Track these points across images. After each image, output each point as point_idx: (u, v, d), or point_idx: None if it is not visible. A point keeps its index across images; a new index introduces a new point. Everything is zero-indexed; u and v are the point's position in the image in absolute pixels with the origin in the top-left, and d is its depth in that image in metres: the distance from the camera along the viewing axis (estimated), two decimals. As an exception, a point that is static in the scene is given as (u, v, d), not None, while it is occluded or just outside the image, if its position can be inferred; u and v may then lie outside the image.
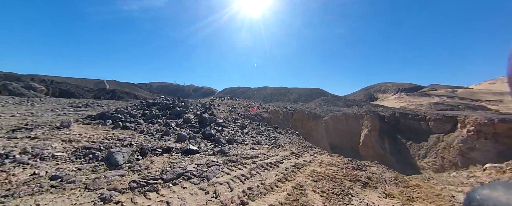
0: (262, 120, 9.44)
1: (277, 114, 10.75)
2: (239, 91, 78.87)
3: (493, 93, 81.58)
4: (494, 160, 27.75)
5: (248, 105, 11.16)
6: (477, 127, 30.54)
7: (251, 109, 10.02)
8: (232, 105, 10.75)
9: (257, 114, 9.81)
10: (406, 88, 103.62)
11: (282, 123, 10.77)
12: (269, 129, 8.47)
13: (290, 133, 8.59)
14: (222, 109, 9.72)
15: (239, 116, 9.31)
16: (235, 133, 7.38)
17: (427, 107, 72.73)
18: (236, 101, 11.76)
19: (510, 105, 68.97)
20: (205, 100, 11.18)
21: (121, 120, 7.25)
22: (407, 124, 38.99)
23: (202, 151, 5.10)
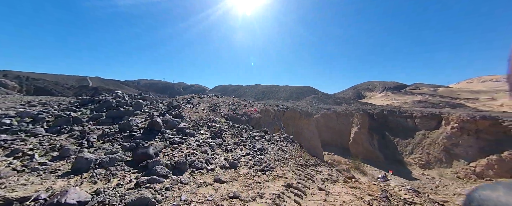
0: (249, 121, 8.07)
1: (267, 113, 9.57)
2: (230, 89, 77.27)
3: (471, 92, 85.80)
4: (476, 155, 28.59)
5: (235, 103, 9.76)
6: (460, 124, 31.35)
7: (248, 110, 8.75)
8: (215, 103, 9.21)
9: (243, 114, 8.33)
10: (391, 86, 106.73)
11: (273, 123, 9.60)
12: (255, 136, 6.48)
13: (283, 139, 6.55)
14: (201, 108, 8.12)
15: (222, 116, 7.79)
16: (200, 146, 5.14)
17: (411, 105, 75.11)
18: (221, 98, 10.27)
19: (485, 103, 72.71)
20: (183, 97, 9.74)
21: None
22: (395, 121, 39.57)
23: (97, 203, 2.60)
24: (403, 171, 30.58)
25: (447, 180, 7.15)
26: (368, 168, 28.88)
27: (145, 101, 8.02)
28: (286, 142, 6.28)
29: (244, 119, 7.98)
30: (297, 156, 5.57)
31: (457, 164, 29.31)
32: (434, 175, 29.58)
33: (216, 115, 7.72)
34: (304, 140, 22.60)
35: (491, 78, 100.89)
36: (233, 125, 6.98)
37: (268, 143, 6.02)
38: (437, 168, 30.39)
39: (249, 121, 8.11)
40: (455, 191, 6.66)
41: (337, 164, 26.20)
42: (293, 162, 5.18)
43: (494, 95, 77.07)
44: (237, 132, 6.57)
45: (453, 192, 5.04)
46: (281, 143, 6.11)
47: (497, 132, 28.65)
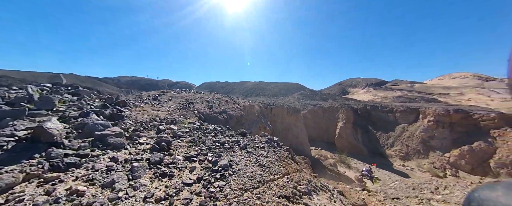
0: (228, 120, 6.92)
1: (251, 110, 8.62)
2: (218, 85, 75.32)
3: (443, 87, 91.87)
4: (450, 147, 30.32)
5: (215, 99, 8.51)
6: (436, 117, 33.03)
7: (229, 107, 7.58)
8: (189, 100, 7.93)
9: (222, 111, 7.13)
10: (373, 83, 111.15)
11: (257, 121, 8.70)
12: (226, 142, 4.78)
13: (264, 144, 4.80)
14: (168, 106, 6.81)
15: (194, 115, 6.55)
16: (108, 173, 3.14)
17: (391, 100, 78.68)
18: (199, 94, 8.95)
19: (455, 98, 78.20)
20: (151, 93, 8.39)
21: None
22: (377, 116, 40.87)
23: None
24: (385, 164, 31.73)
25: (446, 180, 6.47)
26: (353, 161, 29.48)
27: (75, 96, 6.26)
28: (269, 148, 4.63)
29: (222, 117, 6.82)
30: (282, 174, 3.69)
31: (433, 155, 30.97)
32: (413, 166, 31.05)
33: (186, 113, 6.39)
34: (292, 136, 22.20)
35: (460, 75, 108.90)
36: (200, 127, 5.54)
37: (242, 153, 4.26)
38: (416, 159, 31.92)
39: (229, 119, 6.99)
40: (454, 197, 5.55)
41: (324, 159, 26.31)
42: (274, 189, 3.19)
43: (462, 91, 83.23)
44: (200, 138, 4.85)
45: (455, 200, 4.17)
46: (261, 151, 4.42)
47: (468, 124, 30.57)
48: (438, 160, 29.47)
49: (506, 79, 0.64)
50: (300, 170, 4.25)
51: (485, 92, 77.53)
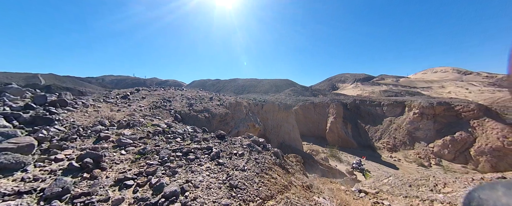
0: (211, 119, 6.05)
1: (238, 108, 7.92)
2: (208, 83, 73.70)
3: (425, 81, 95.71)
4: (433, 137, 31.44)
5: (197, 96, 7.55)
6: (421, 110, 34.09)
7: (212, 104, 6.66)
8: (167, 98, 6.99)
9: (204, 110, 6.28)
10: (361, 78, 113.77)
11: (246, 119, 8.05)
12: (191, 151, 3.67)
13: (245, 149, 3.91)
14: (137, 105, 5.75)
15: (169, 114, 5.58)
16: None
17: (378, 94, 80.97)
18: (180, 91, 7.89)
19: (437, 91, 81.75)
20: (122, 91, 7.37)
21: None
22: (366, 110, 41.65)
23: None
24: (374, 156, 32.46)
25: (444, 176, 5.86)
26: (343, 155, 29.82)
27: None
28: (250, 154, 3.65)
29: (203, 116, 5.97)
30: (261, 199, 2.54)
31: (418, 145, 32.06)
32: (400, 157, 32.00)
33: (159, 113, 5.39)
34: (284, 133, 21.88)
35: (441, 69, 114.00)
36: (165, 131, 4.45)
37: (211, 166, 3.18)
38: (402, 150, 32.92)
39: (211, 118, 6.12)
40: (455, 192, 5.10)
41: (316, 154, 26.34)
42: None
43: (443, 84, 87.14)
44: (156, 147, 3.65)
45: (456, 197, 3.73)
46: (238, 161, 3.40)
47: (450, 116, 31.79)
48: (423, 150, 30.52)
49: (506, 76, 0.63)
50: (289, 185, 3.29)
51: (463, 85, 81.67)
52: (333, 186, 4.68)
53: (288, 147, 21.02)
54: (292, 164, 4.58)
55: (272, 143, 20.00)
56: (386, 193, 5.50)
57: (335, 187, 4.43)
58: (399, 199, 3.73)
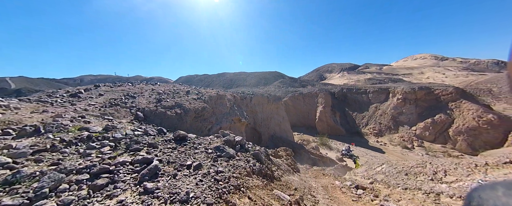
0: (183, 115, 4.93)
1: (221, 101, 6.98)
2: (196, 79, 71.26)
3: (406, 68, 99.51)
4: (416, 121, 32.74)
5: (171, 91, 6.41)
6: (403, 95, 35.19)
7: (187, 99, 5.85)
8: (132, 93, 5.74)
9: (175, 105, 5.15)
10: (347, 67, 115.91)
11: (230, 113, 7.21)
12: (118, 165, 2.58)
13: (215, 149, 3.17)
14: (89, 103, 4.63)
15: (130, 113, 4.53)
16: None
17: (363, 82, 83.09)
18: (151, 86, 6.84)
19: (417, 77, 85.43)
20: (79, 88, 5.99)
21: None
22: (353, 98, 42.43)
23: None
24: (362, 141, 33.41)
25: (443, 162, 5.26)
26: (333, 142, 30.28)
27: None
28: (214, 164, 2.76)
29: (173, 113, 4.85)
30: None
31: (402, 129, 33.36)
32: (385, 141, 33.21)
33: (114, 112, 4.29)
34: (275, 125, 21.50)
35: (420, 56, 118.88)
36: (91, 136, 3.29)
37: (126, 198, 2.04)
38: (387, 134, 34.14)
39: (184, 115, 4.98)
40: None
41: (306, 144, 26.44)
42: None
43: (422, 70, 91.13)
44: (51, 167, 2.43)
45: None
46: (185, 182, 2.37)
47: (430, 99, 33.14)
48: (407, 133, 31.81)
49: (506, 73, 0.64)
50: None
51: (440, 71, 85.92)
52: (327, 182, 4.17)
53: (279, 139, 20.73)
54: (280, 163, 3.93)
55: (263, 136, 19.60)
56: (382, 183, 5.15)
57: (329, 183, 3.92)
58: (399, 192, 3.31)
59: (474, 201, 0.53)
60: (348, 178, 7.16)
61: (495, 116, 25.72)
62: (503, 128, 24.33)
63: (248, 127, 18.69)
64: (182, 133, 3.39)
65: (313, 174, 6.37)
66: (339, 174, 12.64)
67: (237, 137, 3.59)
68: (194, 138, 3.63)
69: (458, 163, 3.81)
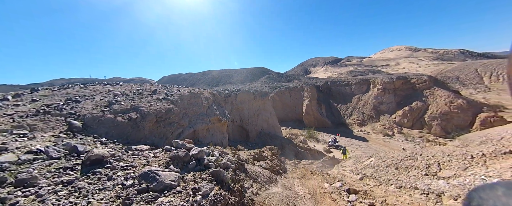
0: (139, 120, 4.01)
1: (195, 101, 5.95)
2: (180, 78, 68.31)
3: (384, 60, 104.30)
4: (395, 109, 34.21)
5: (134, 91, 5.31)
6: (383, 85, 36.54)
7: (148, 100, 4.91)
8: (80, 96, 4.69)
9: (131, 108, 4.19)
10: (330, 61, 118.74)
11: (207, 114, 6.27)
12: None
13: (139, 189, 1.86)
14: (4, 113, 3.48)
15: (62, 122, 3.49)
16: None
17: (346, 75, 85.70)
18: (110, 87, 5.72)
19: (394, 67, 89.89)
20: (13, 93, 4.68)
21: None
22: (337, 90, 43.33)
23: None
24: (347, 132, 34.34)
25: (434, 154, 4.91)
26: (320, 135, 30.69)
27: None
28: None
29: (126, 118, 3.93)
30: None
31: (383, 118, 34.78)
32: (368, 130, 34.46)
33: (35, 124, 3.24)
34: (262, 121, 21.01)
35: (396, 48, 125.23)
36: None
37: None
38: (370, 124, 35.44)
39: (140, 120, 4.00)
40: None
41: (295, 137, 26.43)
42: None
43: (398, 61, 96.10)
44: None
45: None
46: None
47: (407, 88, 34.77)
48: (387, 121, 33.21)
49: (506, 75, 0.62)
50: None
51: (414, 61, 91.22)
52: (315, 184, 3.67)
53: (268, 135, 20.34)
54: (258, 172, 3.22)
55: (251, 133, 19.05)
56: (372, 178, 4.81)
57: (318, 187, 3.42)
58: (394, 193, 2.91)
59: (474, 201, 0.52)
60: (337, 172, 6.81)
61: (464, 101, 27.60)
62: (471, 112, 26.19)
63: (235, 125, 18.00)
64: (96, 155, 2.36)
65: (300, 173, 5.93)
66: (328, 166, 12.54)
67: (194, 149, 2.70)
68: (116, 159, 2.56)
69: (451, 154, 3.53)
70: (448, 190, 2.60)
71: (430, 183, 2.93)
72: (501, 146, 2.97)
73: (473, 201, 0.52)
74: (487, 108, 27.35)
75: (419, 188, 2.91)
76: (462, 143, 9.20)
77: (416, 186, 2.99)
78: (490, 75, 50.49)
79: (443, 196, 2.52)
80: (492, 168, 2.51)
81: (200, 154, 2.61)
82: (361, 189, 3.29)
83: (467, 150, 3.45)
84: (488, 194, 0.51)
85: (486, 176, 2.40)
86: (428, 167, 3.48)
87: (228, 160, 2.64)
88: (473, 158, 2.99)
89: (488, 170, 2.51)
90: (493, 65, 53.59)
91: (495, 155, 2.79)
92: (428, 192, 2.75)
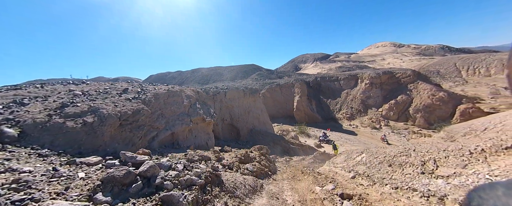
0: (97, 125, 3.32)
1: (173, 99, 5.19)
2: (169, 76, 65.97)
3: (370, 56, 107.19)
4: (382, 103, 35.12)
5: (101, 90, 4.53)
6: (370, 80, 37.34)
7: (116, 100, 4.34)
8: (30, 98, 3.94)
9: (88, 111, 3.50)
10: (319, 57, 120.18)
11: (188, 114, 5.47)
12: None
13: None
14: None
15: None
16: None
17: (334, 71, 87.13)
18: (72, 86, 4.88)
19: (380, 63, 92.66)
20: None
21: None
22: (326, 85, 43.80)
23: None
24: (337, 126, 34.90)
25: (428, 149, 4.69)
26: (311, 130, 30.90)
27: None
28: None
29: (80, 123, 3.25)
30: None
31: (371, 111, 35.65)
32: (357, 124, 35.21)
33: None
34: (253, 118, 20.62)
35: (381, 44, 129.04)
36: None
37: None
38: (359, 118, 36.22)
39: (99, 124, 3.34)
40: None
41: (286, 134, 26.35)
42: None
43: (384, 57, 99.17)
44: None
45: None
46: None
47: (393, 82, 35.76)
48: (375, 115, 34.09)
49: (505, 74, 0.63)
50: None
51: (398, 56, 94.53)
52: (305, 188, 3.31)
53: (259, 133, 20.00)
54: (238, 184, 2.68)
55: (242, 131, 18.59)
56: (364, 177, 4.56)
57: (308, 191, 3.05)
58: (390, 196, 2.62)
59: (474, 201, 0.52)
60: (328, 170, 6.55)
61: (445, 93, 28.81)
62: (451, 104, 27.40)
63: (225, 123, 17.46)
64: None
65: (291, 173, 5.59)
66: (319, 162, 12.42)
67: (145, 164, 2.04)
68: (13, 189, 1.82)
69: (446, 149, 3.31)
70: (450, 192, 2.33)
71: (428, 183, 2.67)
72: (500, 140, 2.78)
73: (473, 201, 0.52)
74: (466, 100, 28.77)
75: (417, 189, 2.63)
76: (447, 135, 9.33)
77: (413, 186, 2.72)
78: (467, 69, 53.32)
79: (446, 200, 2.25)
80: (495, 166, 2.28)
81: (151, 170, 1.95)
82: (356, 193, 2.98)
83: (462, 144, 3.24)
84: (488, 194, 0.51)
85: (491, 176, 2.16)
86: (424, 164, 3.23)
87: (195, 174, 2.06)
88: (472, 153, 2.76)
89: (492, 169, 2.27)
90: (470, 59, 56.59)
91: (496, 150, 2.57)
92: (428, 194, 2.48)
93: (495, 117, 7.94)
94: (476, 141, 3.24)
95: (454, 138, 8.28)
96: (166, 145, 4.56)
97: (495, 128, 6.77)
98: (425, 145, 4.18)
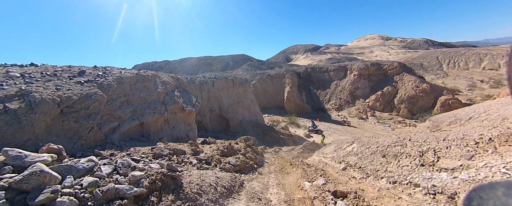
0: (29, 113, 2.29)
1: (142, 85, 4.07)
2: (156, 66, 62.62)
3: (359, 48, 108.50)
4: (369, 94, 35.84)
5: (48, 71, 3.51)
6: (359, 71, 37.74)
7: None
8: None
9: (16, 94, 2.43)
10: (310, 48, 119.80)
11: (163, 103, 4.48)
12: None
13: None
14: None
15: None
16: None
17: (325, 62, 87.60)
18: (12, 69, 2.99)
19: (368, 55, 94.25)
20: None
21: None
22: (316, 76, 43.82)
23: None
24: (326, 116, 35.45)
25: (423, 138, 4.58)
26: (301, 120, 31.08)
27: None
28: None
29: (0, 111, 2.28)
30: None
31: (358, 102, 36.45)
32: (345, 114, 36.00)
33: None
34: (243, 109, 20.06)
35: (370, 36, 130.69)
36: None
37: None
38: (346, 108, 36.96)
39: (28, 112, 2.45)
40: None
41: (276, 124, 26.23)
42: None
43: (372, 49, 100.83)
44: None
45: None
46: None
47: (380, 74, 36.41)
48: (362, 105, 34.90)
49: (505, 75, 0.65)
50: None
51: (385, 49, 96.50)
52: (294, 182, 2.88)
53: (249, 123, 19.60)
54: (206, 186, 2.05)
55: (231, 122, 18.06)
56: (356, 168, 4.26)
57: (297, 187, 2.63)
58: (389, 192, 2.28)
59: (474, 201, 0.50)
60: (318, 160, 6.25)
61: (428, 85, 29.83)
62: (433, 95, 28.50)
63: (213, 114, 16.78)
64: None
65: (279, 165, 5.23)
66: (308, 151, 12.33)
67: (27, 170, 1.34)
68: None
69: (445, 138, 3.02)
70: (460, 188, 2.00)
71: (431, 177, 2.35)
72: (507, 128, 2.50)
73: (473, 201, 0.50)
74: (446, 91, 30.07)
75: (419, 184, 2.32)
76: (433, 124, 9.40)
77: (414, 181, 2.39)
78: (448, 63, 55.70)
79: (456, 199, 1.92)
80: (510, 158, 1.97)
81: (32, 180, 1.22)
82: (350, 190, 2.60)
83: (464, 133, 2.96)
84: (488, 194, 0.49)
85: (509, 169, 1.84)
86: (422, 155, 2.92)
87: (131, 180, 1.38)
88: (477, 143, 2.46)
89: (507, 161, 1.95)
90: (451, 53, 59.07)
91: (506, 139, 2.27)
92: (434, 191, 2.15)
93: (479, 106, 8.01)
94: (479, 130, 2.95)
95: (439, 128, 8.30)
96: (133, 138, 3.90)
97: (480, 117, 6.75)
98: (421, 134, 3.90)
